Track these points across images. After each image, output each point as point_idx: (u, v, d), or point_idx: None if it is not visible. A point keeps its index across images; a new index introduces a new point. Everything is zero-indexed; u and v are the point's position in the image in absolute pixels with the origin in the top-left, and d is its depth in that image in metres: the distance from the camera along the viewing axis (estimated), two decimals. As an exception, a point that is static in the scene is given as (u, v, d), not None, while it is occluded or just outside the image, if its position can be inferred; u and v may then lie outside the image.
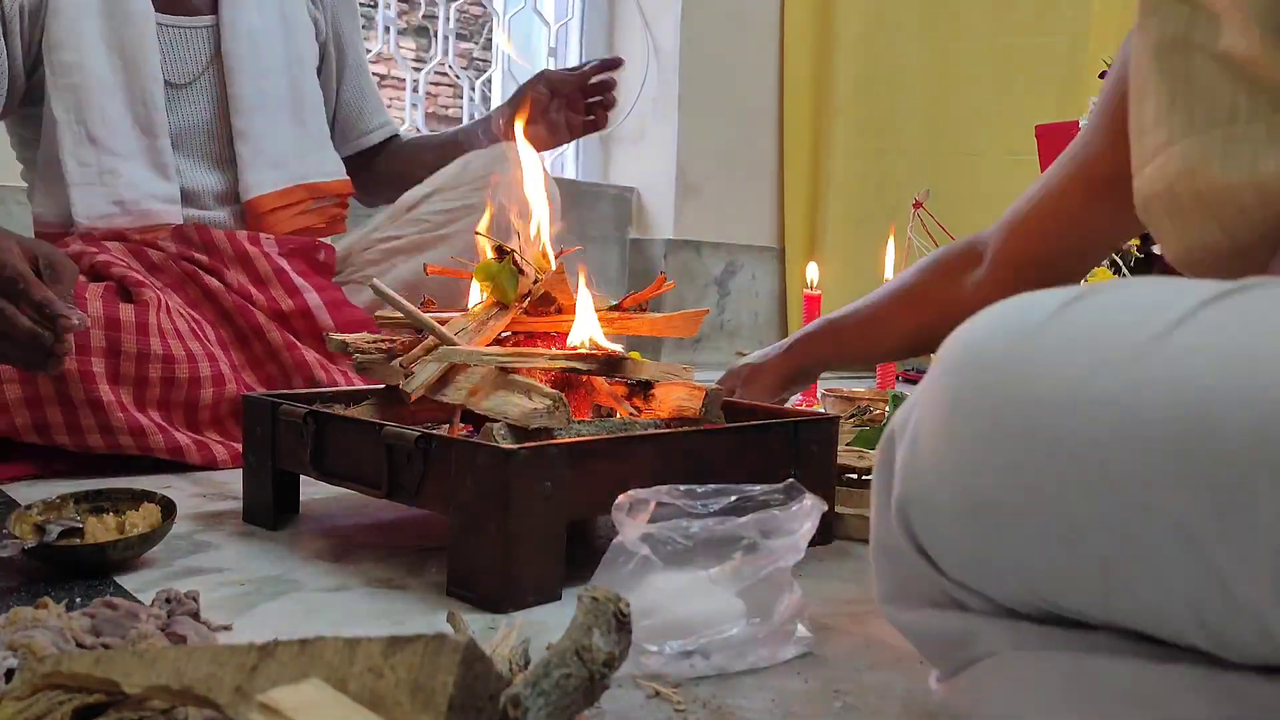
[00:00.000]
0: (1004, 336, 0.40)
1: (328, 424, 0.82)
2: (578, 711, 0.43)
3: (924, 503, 0.42)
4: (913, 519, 0.42)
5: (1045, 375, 0.38)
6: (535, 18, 2.85)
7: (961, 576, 0.42)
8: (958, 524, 0.40)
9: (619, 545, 0.60)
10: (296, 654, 0.38)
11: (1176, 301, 0.37)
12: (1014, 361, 0.39)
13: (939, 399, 0.41)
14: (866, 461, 0.99)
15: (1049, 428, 0.37)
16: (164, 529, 0.77)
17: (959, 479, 0.40)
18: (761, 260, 3.10)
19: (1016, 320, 0.40)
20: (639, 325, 0.94)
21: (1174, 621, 0.36)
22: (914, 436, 0.42)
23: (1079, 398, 0.36)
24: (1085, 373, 0.37)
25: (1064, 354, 0.38)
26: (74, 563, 0.73)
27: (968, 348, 0.41)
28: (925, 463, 0.41)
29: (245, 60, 1.31)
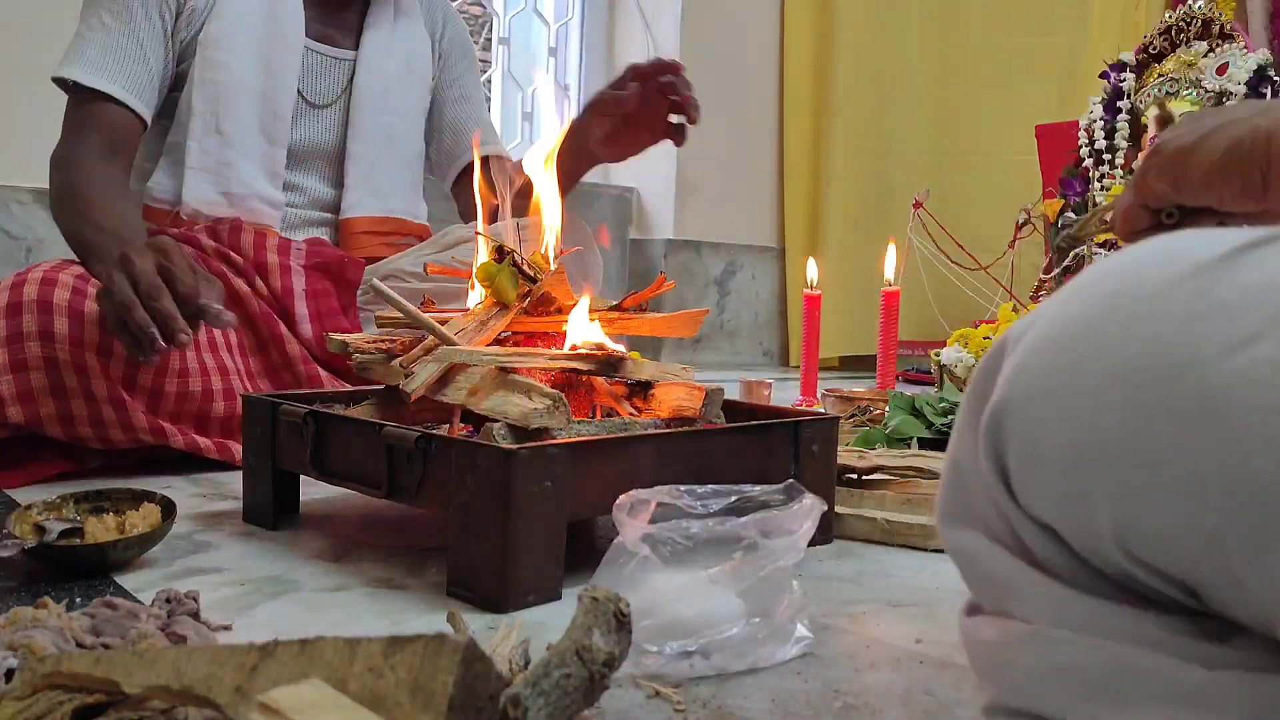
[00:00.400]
0: (1170, 267, 0.37)
1: (328, 424, 0.82)
2: (578, 711, 0.43)
3: (1025, 418, 0.39)
4: (1006, 432, 0.40)
5: (1210, 323, 0.35)
6: (535, 18, 2.85)
7: (1038, 508, 0.40)
8: (1059, 451, 0.38)
9: (619, 545, 0.60)
10: (296, 654, 0.38)
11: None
12: (1176, 298, 0.36)
13: (1078, 313, 0.39)
14: (867, 461, 0.99)
15: (1203, 380, 0.34)
16: (164, 529, 0.77)
17: (1078, 405, 0.37)
18: (761, 260, 3.10)
19: (1186, 254, 0.38)
20: (639, 325, 0.94)
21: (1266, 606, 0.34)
22: (1034, 347, 0.40)
23: (1244, 357, 0.34)
24: (1255, 330, 0.34)
25: (1235, 306, 0.35)
26: (74, 563, 0.73)
27: (1127, 269, 0.39)
28: (1040, 376, 0.39)
29: (374, 95, 1.42)
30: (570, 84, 2.93)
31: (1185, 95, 2.00)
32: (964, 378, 1.83)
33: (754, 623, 0.58)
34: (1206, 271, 0.37)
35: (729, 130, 2.96)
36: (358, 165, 1.42)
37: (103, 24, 1.23)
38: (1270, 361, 0.33)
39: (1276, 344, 0.33)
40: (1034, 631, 0.40)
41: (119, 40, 1.23)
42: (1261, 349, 0.34)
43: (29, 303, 1.01)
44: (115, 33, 1.23)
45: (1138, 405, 0.36)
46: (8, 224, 1.93)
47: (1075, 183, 2.12)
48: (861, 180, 3.03)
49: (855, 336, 2.91)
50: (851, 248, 2.92)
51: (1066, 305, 0.40)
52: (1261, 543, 0.33)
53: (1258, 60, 1.94)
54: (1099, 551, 0.38)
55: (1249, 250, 0.37)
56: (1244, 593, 0.34)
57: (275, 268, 1.26)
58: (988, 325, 1.96)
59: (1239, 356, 0.34)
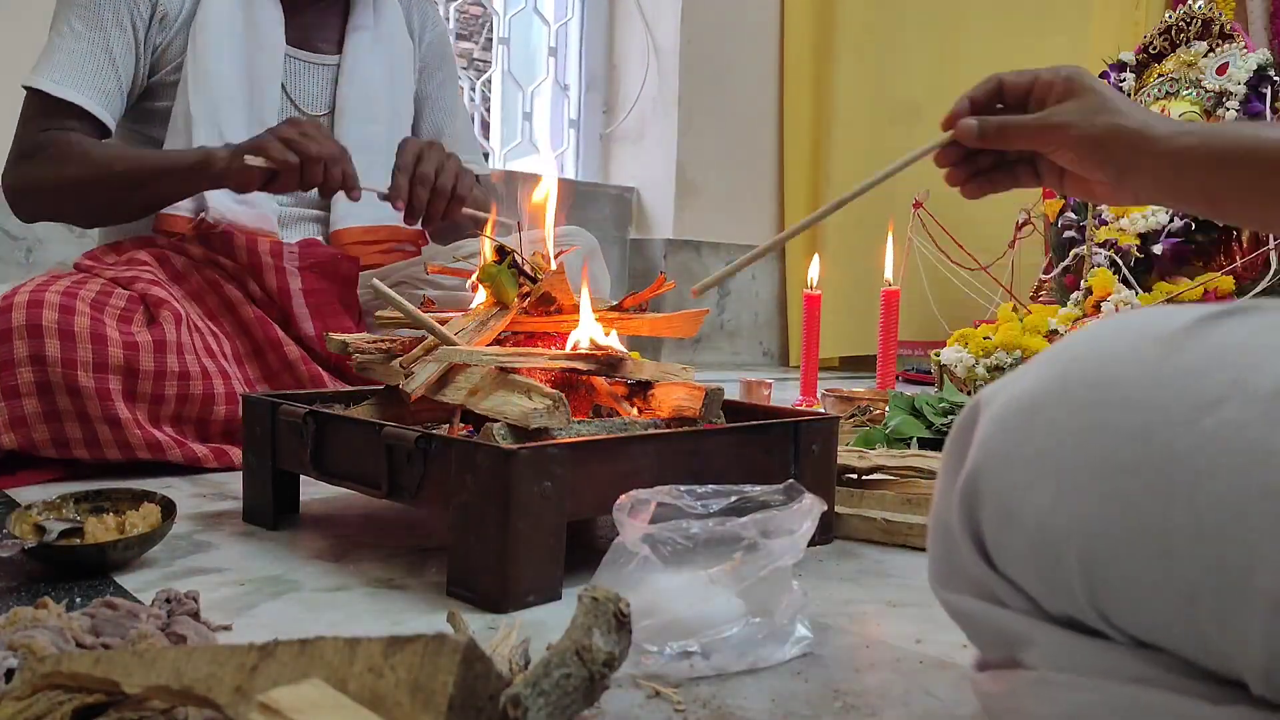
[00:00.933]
0: (1134, 340, 0.39)
1: (328, 424, 0.82)
2: (578, 711, 0.43)
3: (997, 484, 0.40)
4: (980, 498, 0.41)
5: (1175, 388, 0.36)
6: (535, 18, 2.85)
7: (1012, 571, 0.40)
8: (1030, 517, 0.38)
9: (619, 545, 0.60)
10: (296, 654, 0.38)
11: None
12: (1143, 364, 0.37)
13: (1047, 380, 0.40)
14: (867, 461, 0.99)
15: (1166, 445, 0.35)
16: (164, 529, 0.77)
17: (1047, 470, 0.38)
18: (762, 260, 3.10)
19: (1149, 327, 0.39)
20: (639, 325, 0.94)
21: (1238, 665, 0.34)
22: (1004, 413, 0.41)
23: (1210, 420, 0.34)
24: (1215, 398, 0.35)
25: (1199, 371, 0.36)
26: (74, 563, 0.73)
27: (1094, 339, 0.40)
28: (1010, 443, 0.40)
29: (358, 104, 1.41)
30: (570, 84, 2.93)
31: (1185, 95, 2.00)
32: (964, 378, 1.83)
33: (754, 623, 0.58)
34: (1171, 340, 0.38)
35: (729, 130, 2.96)
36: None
37: (73, 30, 1.23)
38: (1234, 425, 0.34)
39: (1240, 408, 0.34)
40: (1039, 678, 0.40)
41: (88, 48, 1.22)
42: (1225, 413, 0.34)
43: (18, 328, 1.01)
44: (85, 39, 1.22)
45: (1106, 471, 0.37)
46: (7, 224, 1.93)
47: (1075, 183, 2.11)
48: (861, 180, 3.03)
49: (855, 336, 2.91)
50: (851, 248, 2.92)
51: (1036, 371, 0.41)
52: (1232, 605, 0.33)
53: (1258, 60, 1.94)
54: (1079, 615, 0.39)
55: (1211, 321, 0.38)
56: (1218, 655, 0.35)
57: (270, 269, 1.25)
58: (988, 325, 1.96)
59: (1205, 420, 0.35)
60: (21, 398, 1.01)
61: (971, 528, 0.42)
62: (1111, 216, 1.98)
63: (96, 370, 1.03)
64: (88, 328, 1.03)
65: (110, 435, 1.04)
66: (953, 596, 0.44)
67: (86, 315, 1.04)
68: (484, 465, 0.67)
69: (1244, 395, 0.34)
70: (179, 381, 1.09)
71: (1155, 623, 0.36)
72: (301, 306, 1.26)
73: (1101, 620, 0.38)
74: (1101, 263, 1.93)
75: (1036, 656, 0.41)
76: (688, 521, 0.59)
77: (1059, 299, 2.07)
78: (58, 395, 1.02)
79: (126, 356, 1.05)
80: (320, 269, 1.30)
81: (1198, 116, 1.97)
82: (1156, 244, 1.89)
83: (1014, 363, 1.77)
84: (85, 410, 1.03)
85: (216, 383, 1.12)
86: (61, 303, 1.04)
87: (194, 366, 1.10)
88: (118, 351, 1.04)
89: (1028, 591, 0.40)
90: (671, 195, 2.89)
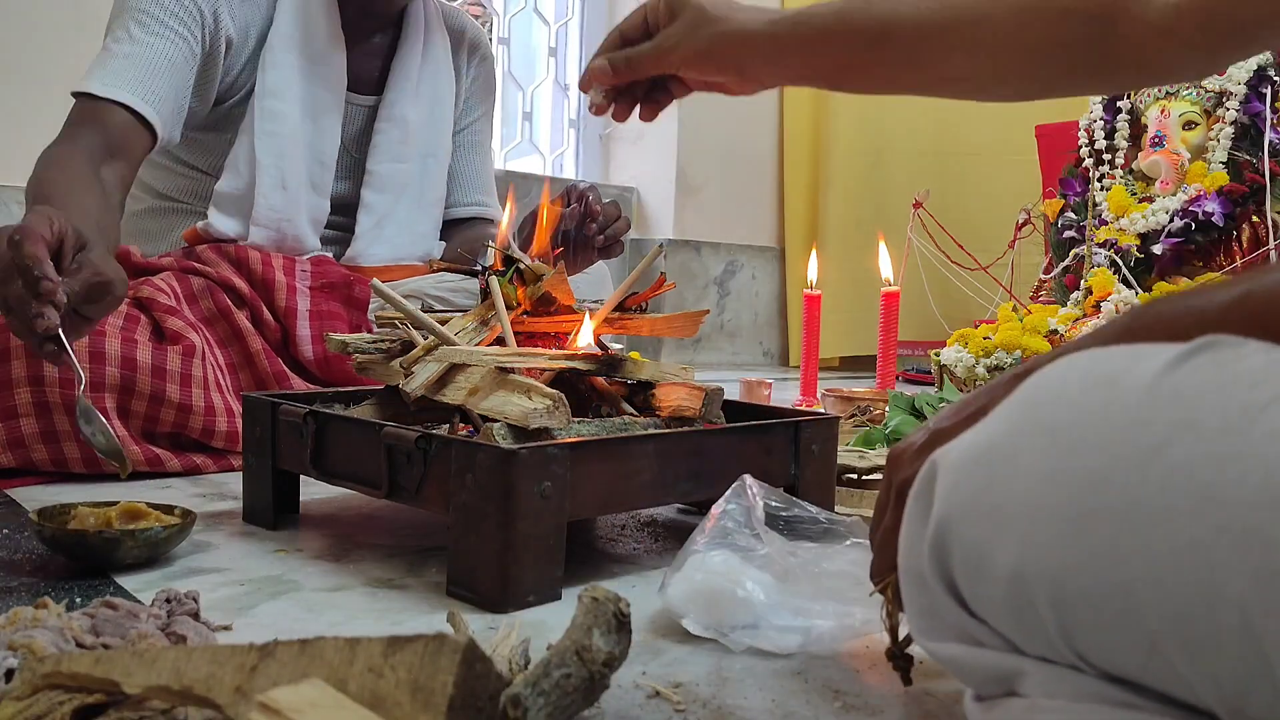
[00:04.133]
0: (1083, 384, 0.39)
1: (328, 424, 0.82)
2: (578, 711, 0.43)
3: (964, 534, 0.40)
4: (949, 548, 0.41)
5: (1124, 435, 0.36)
6: (535, 18, 2.85)
7: (991, 620, 0.41)
8: (999, 566, 0.39)
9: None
10: (296, 654, 0.38)
11: (1274, 374, 0.35)
12: (1091, 412, 0.38)
13: (1005, 428, 0.40)
14: (867, 461, 0.99)
15: (1120, 491, 0.35)
16: (178, 530, 0.76)
17: (1011, 518, 0.38)
18: (761, 260, 3.10)
19: (1099, 370, 0.39)
20: (639, 325, 0.94)
21: (1210, 700, 0.34)
22: (964, 462, 0.41)
23: (1160, 464, 0.35)
24: (1164, 440, 0.35)
25: (1145, 417, 0.36)
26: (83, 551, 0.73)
27: (1050, 384, 0.40)
28: (974, 491, 0.40)
29: (391, 144, 1.39)
30: (570, 84, 2.93)
31: (1185, 95, 2.00)
32: (964, 378, 1.83)
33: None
34: (1118, 381, 0.38)
35: (729, 131, 2.96)
36: (369, 214, 1.39)
37: (130, 36, 1.18)
38: (1184, 466, 0.34)
39: (1189, 448, 0.34)
40: (1030, 705, 0.41)
41: (144, 53, 1.18)
42: (1175, 454, 0.35)
43: (16, 348, 1.00)
44: (142, 44, 1.18)
45: (1068, 516, 0.37)
46: (7, 224, 1.92)
47: (1075, 183, 2.12)
48: (861, 180, 3.03)
49: (855, 336, 2.91)
50: (851, 248, 2.92)
51: (993, 421, 0.41)
52: (1197, 648, 0.33)
53: (1258, 60, 1.94)
54: (1054, 657, 0.39)
55: (1154, 361, 0.38)
56: (1191, 693, 0.35)
57: (281, 287, 1.23)
58: (988, 325, 1.96)
59: (1155, 464, 0.35)
60: (20, 418, 1.01)
61: (945, 578, 0.42)
62: (1111, 216, 1.98)
63: (93, 389, 1.02)
64: (86, 345, 1.01)
65: None
66: (938, 646, 0.45)
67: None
68: (484, 465, 0.67)
69: (1193, 436, 0.35)
70: (177, 412, 1.07)
71: (1128, 663, 0.36)
72: (305, 329, 1.24)
73: (1079, 660, 0.38)
74: (1101, 263, 1.93)
75: (1030, 685, 0.41)
76: None
77: (1059, 299, 2.07)
78: (55, 415, 1.01)
79: (124, 376, 1.04)
80: (332, 289, 1.28)
81: (1198, 116, 1.98)
82: (1156, 244, 1.89)
83: (1014, 362, 1.77)
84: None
85: (220, 420, 1.10)
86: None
87: (199, 402, 1.08)
88: (114, 370, 1.03)
89: (1006, 636, 0.41)
90: (671, 195, 2.89)
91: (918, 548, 0.43)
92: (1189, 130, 1.97)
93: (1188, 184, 1.91)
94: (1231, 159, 1.90)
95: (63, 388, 1.01)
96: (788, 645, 0.59)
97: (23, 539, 0.81)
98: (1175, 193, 1.92)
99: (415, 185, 1.42)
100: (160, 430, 1.08)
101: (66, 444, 1.03)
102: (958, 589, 0.42)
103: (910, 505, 0.44)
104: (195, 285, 1.19)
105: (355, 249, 1.38)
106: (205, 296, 1.19)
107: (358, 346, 0.87)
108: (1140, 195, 2.00)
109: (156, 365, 1.06)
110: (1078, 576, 0.36)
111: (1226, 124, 1.92)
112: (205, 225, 1.28)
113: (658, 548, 0.85)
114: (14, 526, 0.85)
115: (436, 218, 1.50)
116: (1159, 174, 1.96)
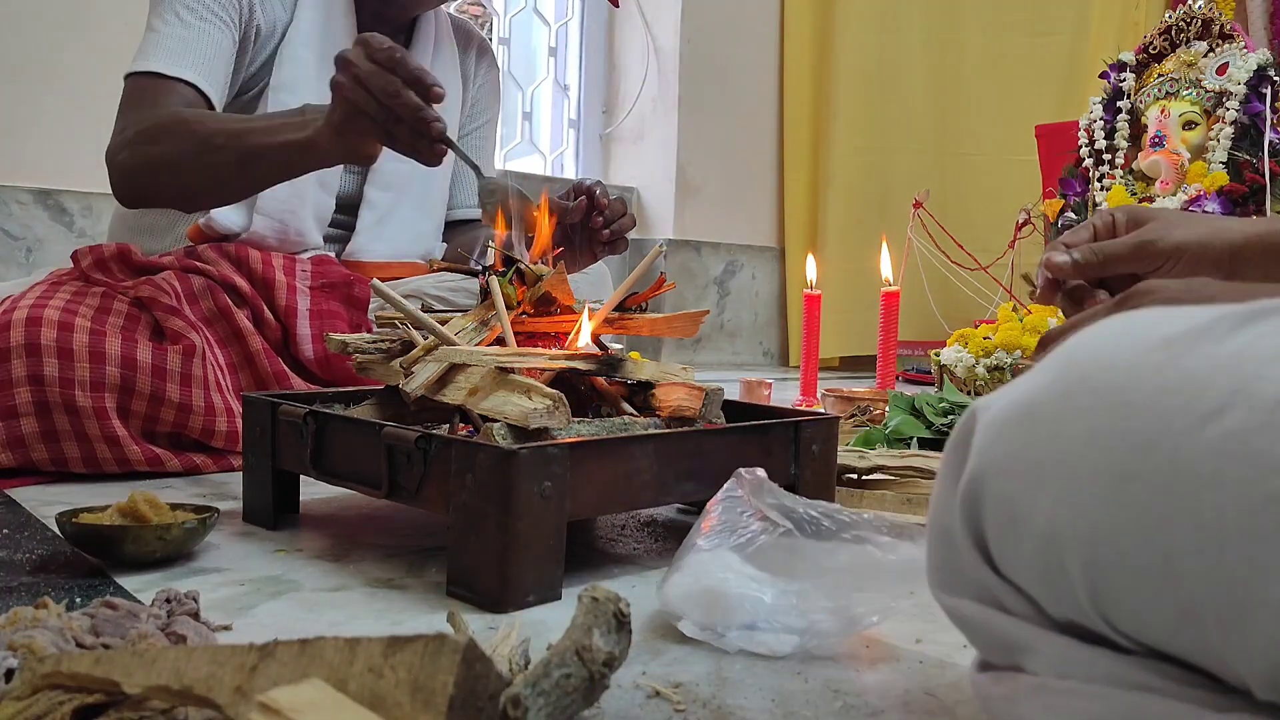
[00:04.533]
0: (1137, 344, 0.38)
1: (328, 424, 0.82)
2: (578, 711, 0.43)
3: (1000, 490, 0.40)
4: (982, 503, 0.40)
5: (1179, 395, 0.35)
6: (535, 18, 2.85)
7: (1018, 578, 0.40)
8: (1034, 523, 0.38)
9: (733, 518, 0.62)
10: (296, 654, 0.38)
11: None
12: (1146, 370, 0.37)
13: (1050, 385, 0.39)
14: (867, 461, 0.99)
15: (1169, 455, 0.35)
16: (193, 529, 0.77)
17: (1050, 477, 0.38)
18: (761, 260, 3.10)
19: (1154, 329, 0.38)
20: (639, 325, 0.94)
21: (1243, 672, 0.34)
22: (1006, 417, 0.40)
23: (1214, 429, 0.34)
24: (1219, 406, 0.34)
25: (1203, 378, 0.35)
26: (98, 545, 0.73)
27: (1097, 343, 0.39)
28: (1014, 447, 0.39)
29: None
30: (570, 84, 2.93)
31: (1185, 95, 2.00)
32: (964, 378, 1.83)
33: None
34: (1175, 344, 0.37)
35: (729, 130, 2.96)
36: (371, 211, 1.39)
37: (179, 19, 1.20)
38: (1239, 434, 0.34)
39: (1244, 416, 0.34)
40: (1040, 684, 0.40)
41: (196, 35, 1.20)
42: (1230, 421, 0.34)
43: (16, 348, 1.00)
44: (193, 28, 1.20)
45: (1110, 478, 0.36)
46: (7, 224, 1.93)
47: (1075, 183, 2.12)
48: (861, 180, 3.03)
49: (855, 336, 2.91)
50: (851, 248, 2.92)
51: (1035, 377, 0.41)
52: (1237, 617, 0.33)
53: (1258, 60, 1.94)
54: (1082, 620, 0.39)
55: (1215, 324, 0.37)
56: (1222, 662, 0.35)
57: (282, 286, 1.23)
58: (988, 325, 1.96)
59: (1208, 429, 0.34)
60: (20, 418, 1.01)
61: (974, 533, 0.41)
62: (1111, 216, 1.98)
63: (94, 389, 1.02)
64: (86, 344, 1.01)
65: (109, 453, 1.04)
66: (953, 601, 0.44)
67: (86, 331, 1.03)
68: (484, 465, 0.67)
69: (1248, 403, 0.34)
70: (177, 411, 1.07)
71: (1159, 629, 0.36)
72: (305, 328, 1.23)
73: (1105, 625, 0.38)
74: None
75: (1038, 663, 0.40)
76: None
77: (1059, 299, 2.06)
78: (55, 415, 1.01)
79: (124, 375, 1.04)
80: (332, 289, 1.27)
81: (1198, 117, 1.98)
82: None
83: (1014, 362, 1.77)
84: (84, 430, 1.02)
85: (220, 420, 1.10)
86: (61, 319, 1.03)
87: (199, 402, 1.09)
88: (115, 370, 1.03)
89: (1031, 595, 0.40)
90: (671, 195, 2.89)
91: (949, 500, 0.43)
92: (1189, 130, 1.97)
93: (1188, 184, 1.91)
94: (1231, 159, 1.90)
95: (62, 388, 1.01)
96: (787, 646, 0.59)
97: (23, 539, 0.81)
98: (1175, 193, 1.93)
99: (419, 185, 1.43)
100: (160, 430, 1.08)
101: (67, 444, 1.03)
102: (986, 545, 0.41)
103: (946, 456, 0.44)
104: (196, 285, 1.19)
105: (355, 244, 1.38)
106: (206, 296, 1.19)
107: (358, 346, 0.87)
108: (1140, 195, 2.00)
109: (156, 365, 1.06)
110: (1115, 539, 0.36)
111: (1226, 124, 1.92)
112: (208, 221, 1.27)
113: (658, 548, 0.85)
114: (14, 526, 0.85)
115: (439, 218, 1.50)
116: (1159, 174, 1.96)
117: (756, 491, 0.68)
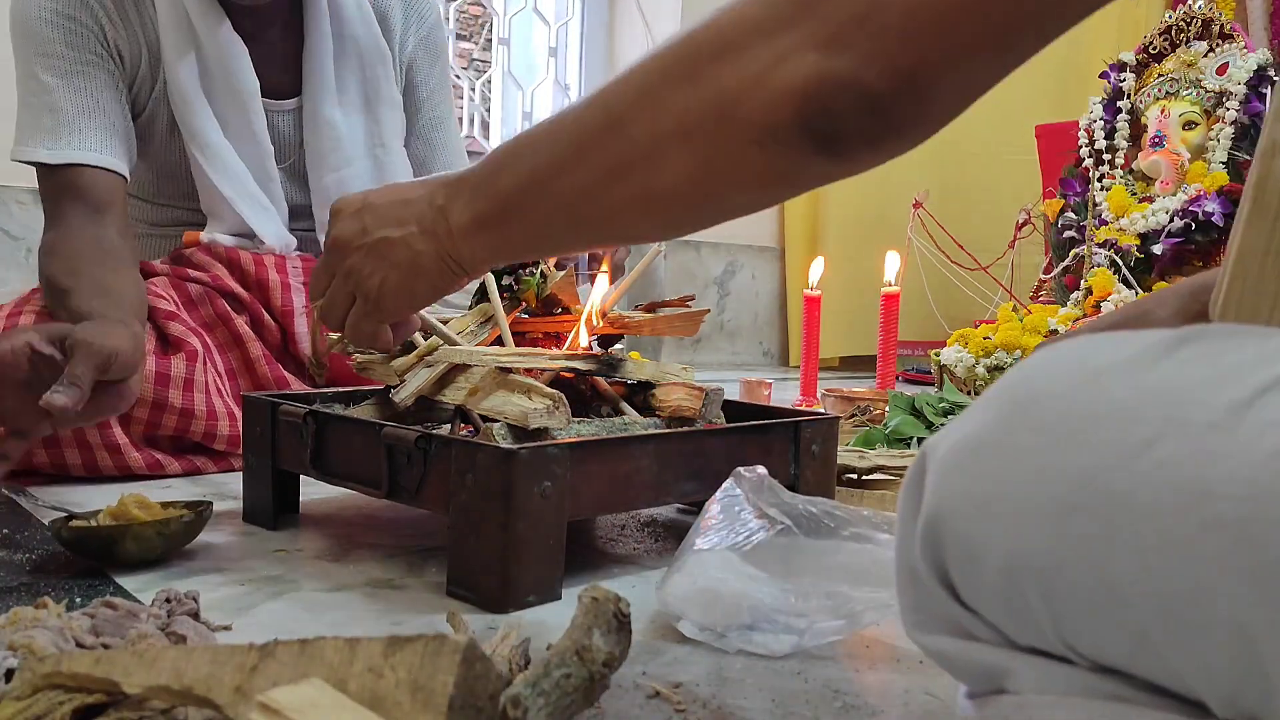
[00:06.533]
0: (1071, 375, 0.39)
1: (328, 424, 0.82)
2: (578, 711, 0.43)
3: (956, 528, 0.40)
4: (942, 541, 0.41)
5: (1109, 429, 0.36)
6: (535, 18, 2.85)
7: (983, 610, 0.41)
8: (993, 558, 0.39)
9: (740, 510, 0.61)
10: (296, 654, 0.38)
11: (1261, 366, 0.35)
12: (1077, 405, 0.37)
13: (994, 421, 0.40)
14: (867, 461, 0.99)
15: (1106, 486, 0.35)
16: (187, 524, 0.77)
17: (1000, 512, 0.38)
18: (761, 260, 3.10)
19: (1087, 361, 0.39)
20: (639, 325, 0.94)
21: (1201, 690, 0.34)
22: (955, 456, 0.41)
23: (1146, 460, 0.34)
24: (1150, 435, 0.35)
25: (1131, 411, 0.36)
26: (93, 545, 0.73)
27: (1035, 377, 0.40)
28: (964, 484, 0.40)
29: (326, 153, 1.29)
30: (570, 84, 2.93)
31: (1185, 95, 2.00)
32: (964, 378, 1.83)
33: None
34: (1104, 375, 0.38)
35: (729, 130, 2.95)
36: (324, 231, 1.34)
37: (43, 86, 1.10)
38: (1172, 462, 0.34)
39: (1175, 445, 0.34)
40: (1022, 701, 0.41)
41: (66, 100, 1.10)
42: (1161, 450, 0.34)
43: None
44: (60, 92, 1.10)
45: (1054, 510, 0.37)
46: (7, 224, 1.93)
47: (1075, 183, 2.12)
48: (861, 180, 3.01)
49: (855, 337, 2.91)
50: (851, 248, 2.92)
51: (981, 413, 0.41)
52: (1189, 639, 0.33)
53: (1258, 60, 1.94)
54: (1049, 648, 0.39)
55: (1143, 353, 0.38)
56: (1182, 683, 0.35)
57: (276, 286, 1.22)
58: (988, 325, 1.97)
59: (1143, 459, 0.35)
60: None
61: (939, 570, 0.42)
62: (1111, 216, 1.98)
63: None
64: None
65: (110, 461, 1.04)
66: (929, 639, 0.45)
67: None
68: (484, 465, 0.67)
69: (1179, 431, 0.34)
70: (179, 418, 1.07)
71: (1118, 655, 0.37)
72: (303, 325, 1.23)
73: (1070, 652, 0.38)
74: (1101, 263, 1.93)
75: (1018, 682, 0.41)
76: None
77: (1059, 299, 2.07)
78: None
79: None
80: None
81: (1198, 117, 1.98)
82: (1156, 244, 1.89)
83: (1014, 363, 1.77)
84: (85, 438, 1.02)
85: (222, 424, 1.10)
86: None
87: (200, 407, 1.08)
88: None
89: (998, 627, 0.41)
90: (671, 195, 2.88)
91: (910, 541, 0.43)
92: (1189, 130, 1.97)
93: (1188, 184, 1.91)
94: (1231, 159, 1.90)
95: None
96: (786, 646, 0.59)
97: (23, 539, 0.81)
98: (1175, 193, 1.93)
99: (370, 181, 1.31)
100: (162, 434, 1.08)
101: (67, 449, 1.03)
102: (951, 581, 0.42)
103: (902, 498, 0.44)
104: (193, 292, 1.19)
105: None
106: (204, 303, 1.19)
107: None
108: (1140, 195, 2.00)
109: (160, 372, 1.06)
110: (1066, 570, 0.36)
111: (1226, 124, 1.93)
112: (211, 238, 1.25)
113: (658, 548, 0.85)
114: (14, 526, 0.85)
115: None
116: (1159, 174, 1.97)
117: (756, 490, 0.68)
